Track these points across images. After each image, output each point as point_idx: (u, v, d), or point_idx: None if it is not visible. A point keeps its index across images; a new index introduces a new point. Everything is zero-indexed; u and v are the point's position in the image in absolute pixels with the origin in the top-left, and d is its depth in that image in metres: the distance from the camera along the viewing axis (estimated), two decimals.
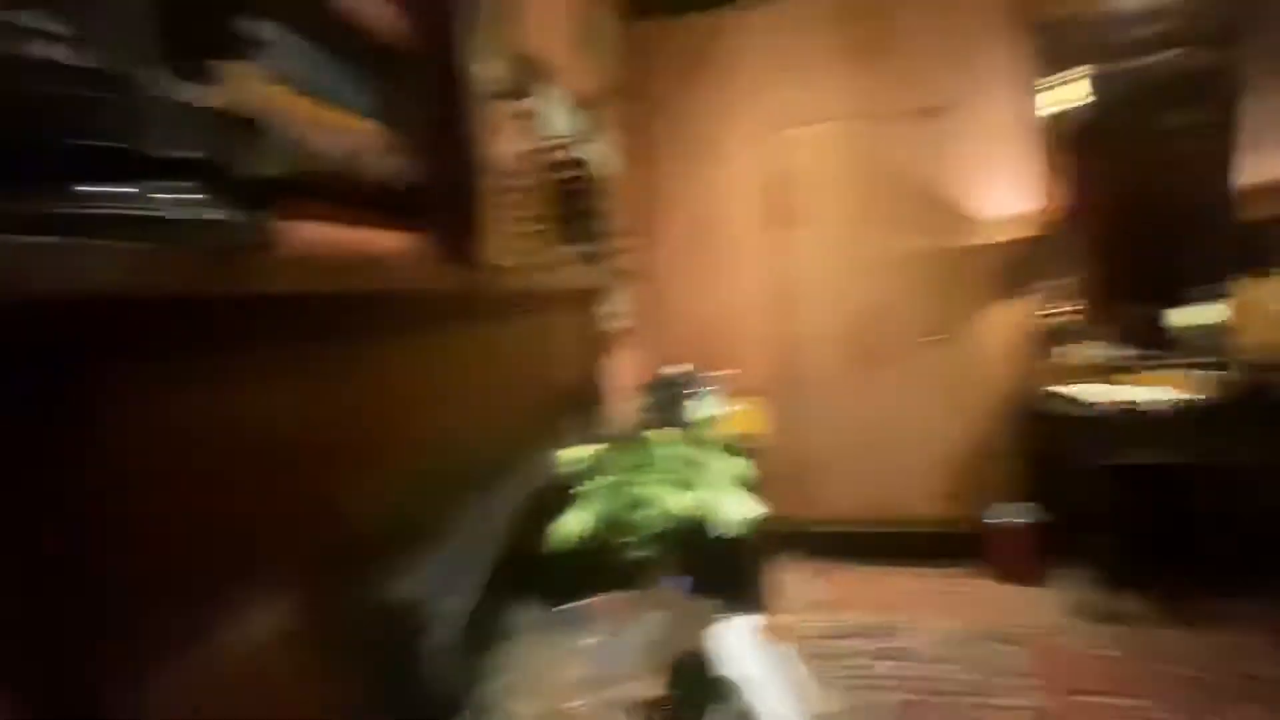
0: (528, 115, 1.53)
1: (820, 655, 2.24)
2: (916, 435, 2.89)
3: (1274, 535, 2.27)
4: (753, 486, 1.35)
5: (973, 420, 2.84)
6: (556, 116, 1.70)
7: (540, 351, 1.66)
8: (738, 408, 2.40)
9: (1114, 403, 2.29)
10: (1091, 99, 2.62)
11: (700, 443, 1.51)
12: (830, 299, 2.91)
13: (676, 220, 3.00)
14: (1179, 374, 2.44)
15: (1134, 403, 2.30)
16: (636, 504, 1.27)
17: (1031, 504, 2.66)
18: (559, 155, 1.67)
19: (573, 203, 1.68)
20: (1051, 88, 2.66)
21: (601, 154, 2.14)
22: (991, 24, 2.66)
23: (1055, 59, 2.62)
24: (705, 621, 1.02)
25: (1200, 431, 2.20)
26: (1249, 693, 1.88)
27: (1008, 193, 2.71)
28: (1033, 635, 2.25)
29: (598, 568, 1.23)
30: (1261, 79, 2.48)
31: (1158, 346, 2.77)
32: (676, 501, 1.25)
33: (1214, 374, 2.33)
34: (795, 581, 2.69)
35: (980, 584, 2.64)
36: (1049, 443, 2.59)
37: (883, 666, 2.16)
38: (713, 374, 2.54)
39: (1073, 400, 2.43)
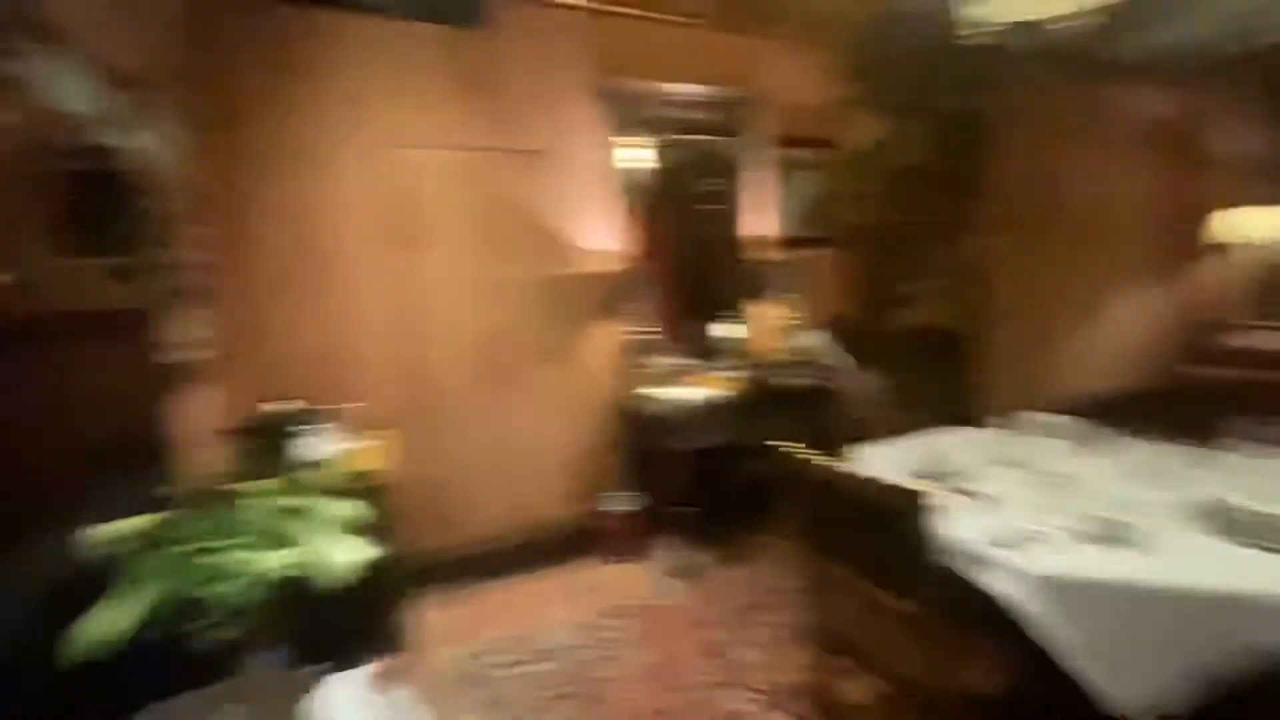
0: (17, 83, 1.13)
1: (460, 680, 2.24)
2: (541, 445, 3.15)
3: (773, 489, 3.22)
4: (370, 527, 1.27)
5: (584, 426, 3.25)
6: (70, 90, 1.30)
7: (52, 394, 1.24)
8: (361, 443, 2.22)
9: (683, 401, 2.90)
10: (656, 163, 3.29)
11: (304, 489, 1.35)
12: (458, 322, 2.94)
13: (274, 235, 2.61)
14: (720, 376, 3.24)
15: (696, 399, 2.96)
16: (213, 576, 1.05)
17: (633, 492, 3.17)
18: (76, 139, 1.28)
19: (97, 201, 1.31)
20: (628, 148, 3.24)
21: (152, 146, 1.72)
22: (580, 82, 3.09)
23: (628, 124, 3.21)
24: (302, 694, 0.91)
25: (733, 418, 2.96)
26: (778, 603, 2.61)
27: (602, 231, 3.19)
28: (639, 604, 2.68)
29: (164, 665, 0.98)
30: (748, 162, 3.50)
31: (709, 355, 3.65)
32: (269, 562, 1.08)
33: (739, 375, 3.17)
34: (435, 613, 2.63)
35: (599, 571, 3.02)
36: (641, 437, 3.13)
37: (520, 672, 2.27)
38: (329, 409, 2.30)
39: (654, 401, 2.99)
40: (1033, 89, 4.57)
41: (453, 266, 2.92)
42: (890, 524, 1.31)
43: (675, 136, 3.37)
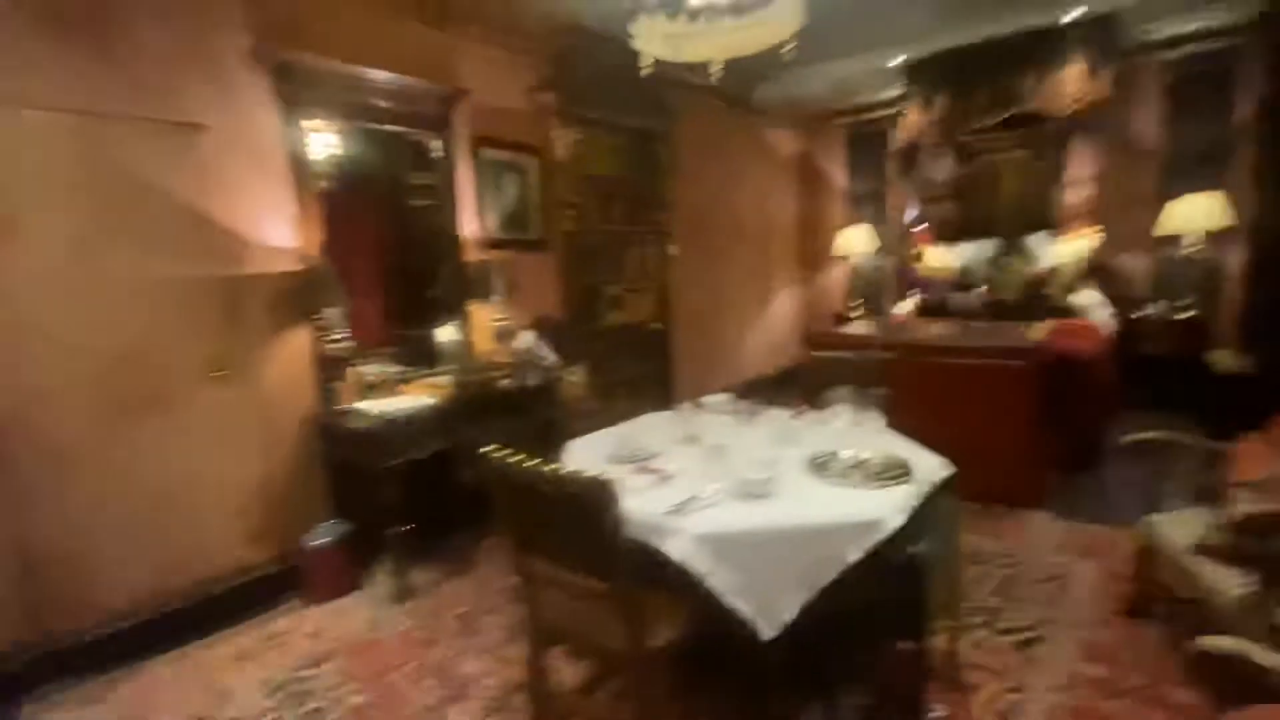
0: None
1: None
2: (209, 484, 2.61)
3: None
4: None
5: (273, 454, 2.80)
6: None
7: None
8: None
9: (391, 413, 2.70)
10: (343, 150, 2.97)
11: None
12: (69, 339, 2.26)
13: None
14: (440, 380, 3.10)
15: (406, 410, 2.77)
16: None
17: (341, 520, 2.85)
18: None
19: None
20: (315, 131, 2.86)
21: None
22: (241, 47, 2.62)
23: (315, 104, 2.84)
24: None
25: (449, 425, 2.86)
26: (501, 606, 2.59)
27: (281, 224, 2.77)
28: (350, 643, 2.42)
29: None
30: (455, 160, 3.42)
31: (431, 361, 3.47)
32: None
33: (459, 379, 3.07)
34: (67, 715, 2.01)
35: (302, 616, 2.65)
36: (347, 457, 2.83)
37: None
38: None
39: (360, 415, 2.73)
40: (706, 119, 5.38)
41: (56, 265, 2.22)
42: (585, 513, 1.40)
43: (373, 125, 3.11)
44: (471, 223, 3.59)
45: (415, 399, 2.89)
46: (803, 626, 1.52)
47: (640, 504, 1.62)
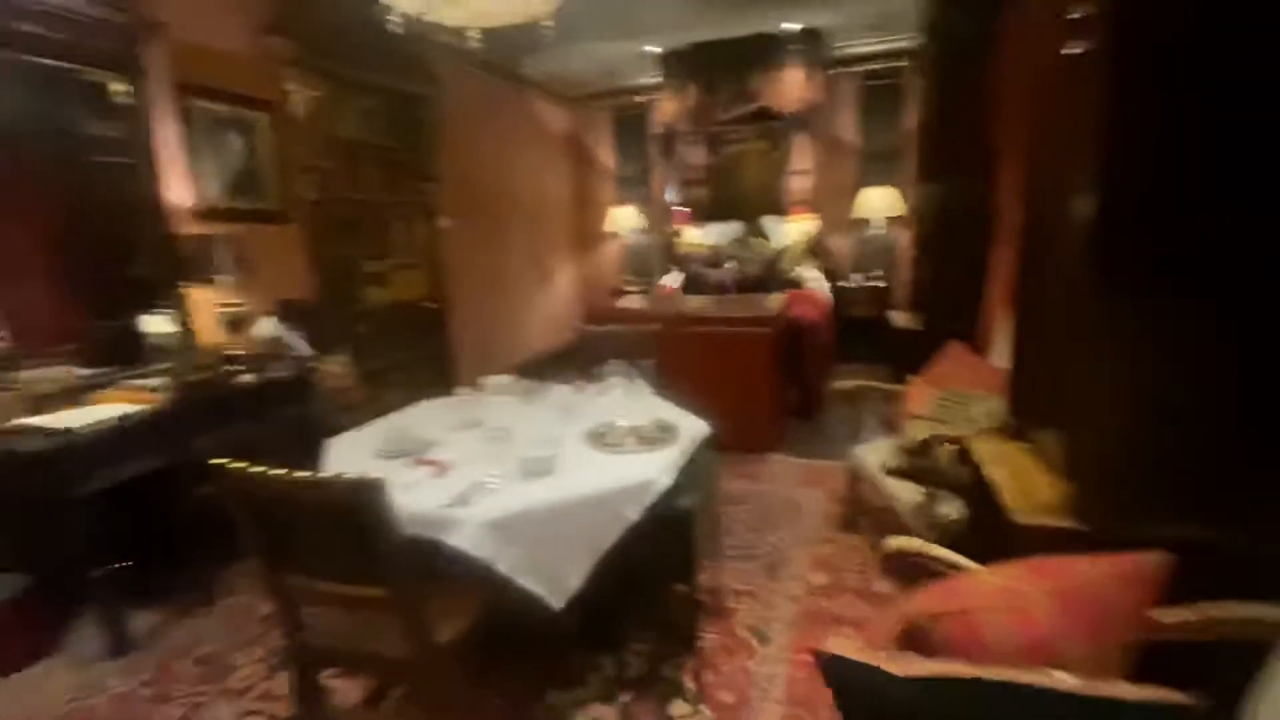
0: None
1: None
2: None
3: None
4: None
5: None
6: None
7: None
8: None
9: (80, 428, 2.14)
10: None
11: None
12: None
13: None
14: (152, 383, 2.53)
15: (102, 422, 2.22)
16: None
17: (12, 570, 2.21)
18: None
19: None
20: None
21: None
22: None
23: None
24: None
25: (169, 435, 2.37)
26: (258, 635, 2.26)
27: None
28: (50, 716, 1.91)
29: None
30: (149, 110, 2.77)
31: (132, 358, 2.80)
32: None
33: (182, 378, 2.55)
34: None
35: None
36: (16, 489, 2.18)
37: None
38: None
39: (32, 435, 2.12)
40: (475, 89, 5.13)
41: None
42: (353, 518, 1.28)
43: (24, 57, 2.36)
44: (181, 188, 2.96)
45: (115, 408, 2.33)
46: (590, 588, 1.60)
47: (417, 498, 1.54)
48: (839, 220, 5.98)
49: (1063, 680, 0.77)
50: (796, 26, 5.23)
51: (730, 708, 1.81)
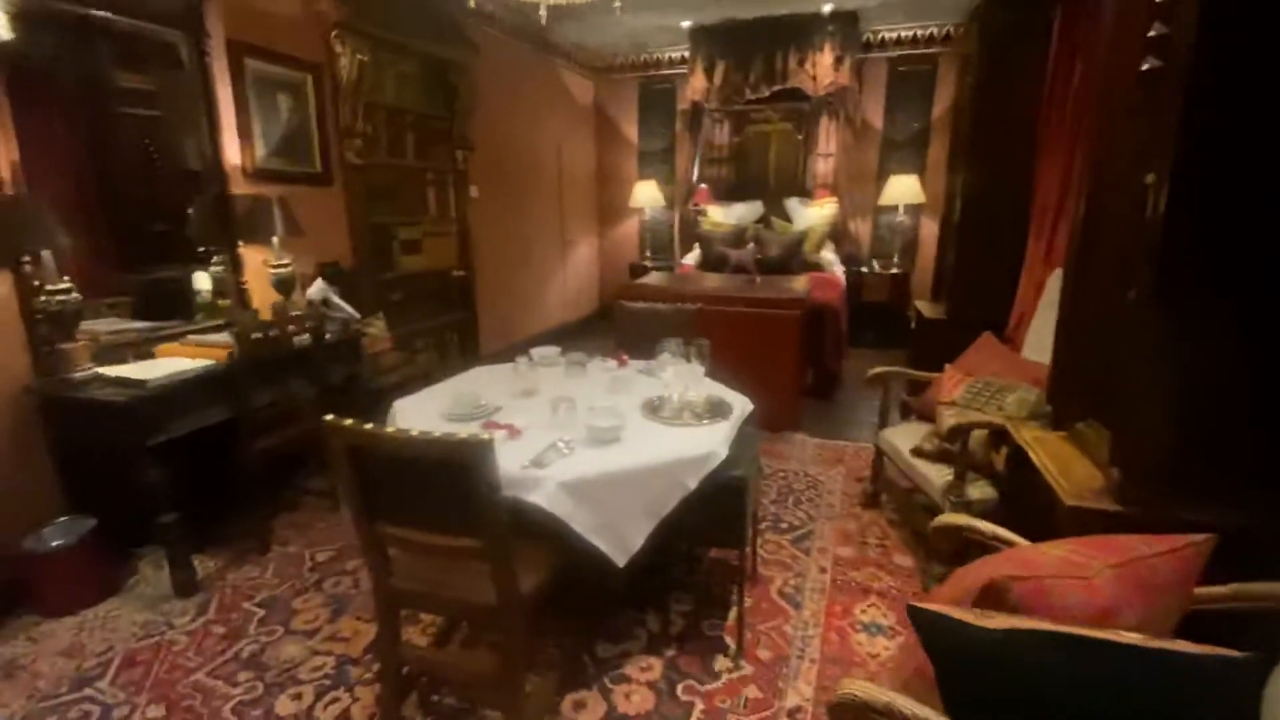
0: None
1: None
2: None
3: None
4: None
5: None
6: None
7: None
8: None
9: (155, 380, 2.23)
10: (17, 37, 2.23)
11: None
12: None
13: None
14: (214, 339, 2.62)
15: (177, 375, 2.31)
16: None
17: (81, 514, 2.33)
18: None
19: None
20: None
21: None
22: None
23: None
24: None
25: (241, 388, 2.47)
26: (316, 582, 2.39)
27: None
28: (122, 653, 2.04)
29: None
30: (196, 66, 2.79)
31: (179, 313, 2.88)
32: None
33: (247, 335, 2.62)
34: None
35: (43, 633, 2.13)
36: (88, 437, 2.29)
37: None
38: None
39: (105, 384, 2.21)
40: (505, 56, 5.11)
41: None
42: (461, 474, 1.37)
43: (87, 10, 2.38)
44: (234, 147, 3.00)
45: (184, 362, 2.42)
46: (643, 550, 1.72)
47: (500, 459, 1.64)
48: (861, 205, 6.02)
49: (1130, 636, 0.88)
50: (831, 7, 5.20)
51: (768, 664, 1.95)
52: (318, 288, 3.04)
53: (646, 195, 6.56)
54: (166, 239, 2.96)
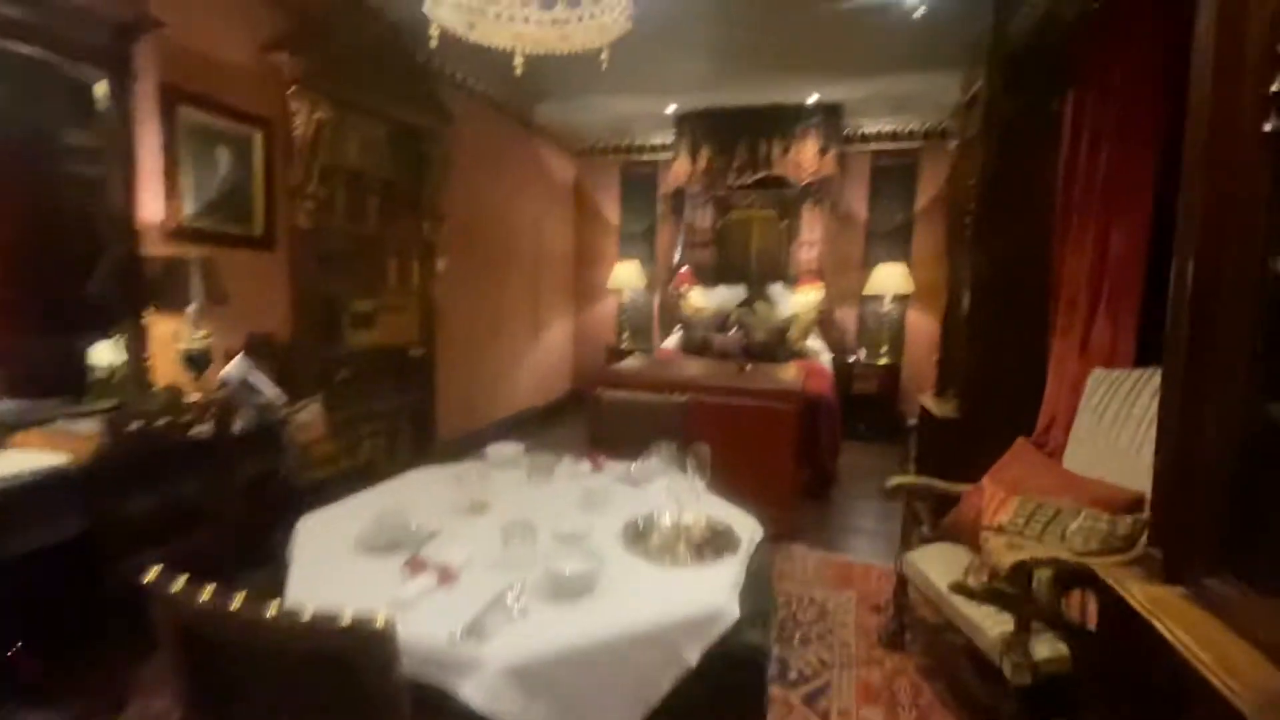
0: None
1: None
2: None
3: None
4: None
5: None
6: None
7: None
8: None
9: None
10: None
11: None
12: None
13: None
14: (82, 428, 2.09)
15: (21, 475, 1.78)
16: None
17: None
18: None
19: None
20: None
21: None
22: None
23: None
24: None
25: (106, 493, 1.93)
26: None
27: None
28: None
29: None
30: (140, 112, 2.44)
31: (71, 390, 2.37)
32: None
33: (121, 424, 2.11)
34: None
35: None
36: None
37: None
38: None
39: None
40: (483, 129, 4.93)
41: None
42: (346, 674, 0.89)
43: None
44: (157, 202, 2.60)
45: (34, 457, 1.89)
46: None
47: (417, 624, 1.14)
48: (846, 293, 5.84)
49: None
50: (815, 100, 5.21)
51: None
52: (236, 365, 2.56)
53: (626, 276, 6.31)
54: (71, 304, 2.49)
